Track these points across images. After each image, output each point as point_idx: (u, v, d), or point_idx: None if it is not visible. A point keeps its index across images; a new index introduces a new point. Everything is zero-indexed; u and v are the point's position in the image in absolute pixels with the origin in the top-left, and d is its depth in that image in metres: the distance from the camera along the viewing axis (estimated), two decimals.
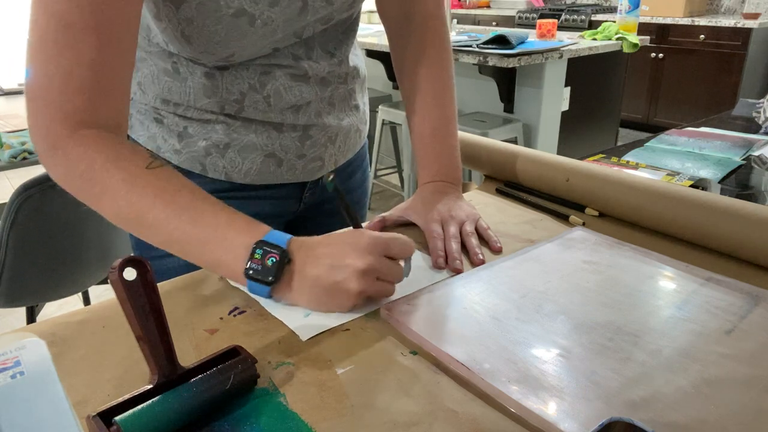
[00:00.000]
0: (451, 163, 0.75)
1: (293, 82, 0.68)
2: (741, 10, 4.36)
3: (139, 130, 0.70)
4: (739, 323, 0.49)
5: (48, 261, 1.43)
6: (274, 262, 0.49)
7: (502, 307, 0.52)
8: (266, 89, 0.66)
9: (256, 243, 0.50)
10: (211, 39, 0.59)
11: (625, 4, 2.74)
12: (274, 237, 0.51)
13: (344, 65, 0.73)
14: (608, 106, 2.97)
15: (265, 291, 0.50)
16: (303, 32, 0.65)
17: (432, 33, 0.76)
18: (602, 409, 0.39)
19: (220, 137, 0.68)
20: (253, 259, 0.50)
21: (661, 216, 0.66)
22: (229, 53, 0.61)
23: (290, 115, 0.69)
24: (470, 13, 5.60)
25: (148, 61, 0.66)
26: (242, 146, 0.69)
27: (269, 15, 0.60)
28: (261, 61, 0.65)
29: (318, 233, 0.55)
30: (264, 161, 0.70)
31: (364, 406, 0.41)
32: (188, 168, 0.69)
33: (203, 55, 0.61)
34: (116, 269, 0.37)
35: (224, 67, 0.64)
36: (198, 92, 0.66)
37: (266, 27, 0.60)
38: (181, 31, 0.58)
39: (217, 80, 0.65)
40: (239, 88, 0.66)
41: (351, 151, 0.81)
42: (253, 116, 0.68)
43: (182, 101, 0.66)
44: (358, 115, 0.80)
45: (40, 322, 0.52)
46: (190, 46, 0.60)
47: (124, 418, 0.37)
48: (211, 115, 0.67)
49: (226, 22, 0.58)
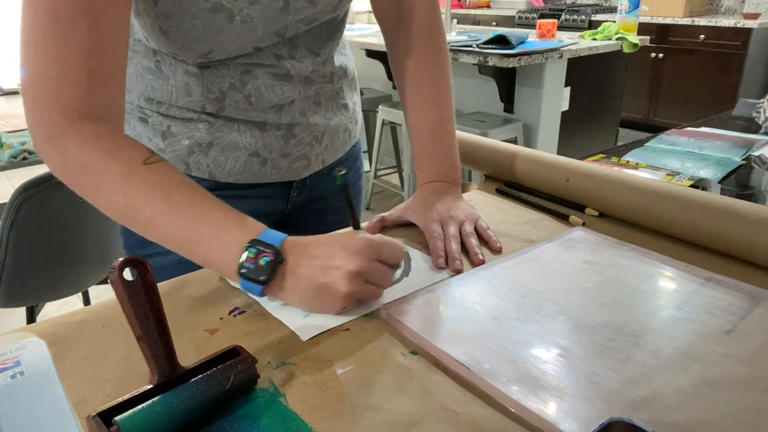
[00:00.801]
0: (450, 163, 0.75)
1: (275, 81, 0.68)
2: (741, 10, 4.36)
3: (126, 130, 0.70)
4: (739, 323, 0.49)
5: (48, 261, 1.43)
6: (268, 261, 0.49)
7: (502, 307, 0.52)
8: (247, 88, 0.66)
9: (250, 242, 0.50)
10: (188, 34, 0.59)
11: (625, 4, 2.74)
12: (269, 236, 0.51)
13: (329, 65, 0.73)
14: (608, 106, 2.97)
15: (258, 290, 0.50)
16: (285, 32, 0.65)
17: (427, 33, 0.76)
18: (602, 409, 0.39)
19: (203, 136, 0.68)
20: (247, 257, 0.49)
21: (661, 216, 0.66)
22: (208, 49, 0.61)
23: (273, 114, 0.69)
24: (470, 13, 5.60)
25: (133, 60, 0.67)
26: (225, 145, 0.69)
27: (249, 12, 0.60)
28: (242, 60, 0.65)
29: (307, 233, 0.55)
30: (248, 160, 0.70)
31: (364, 406, 0.41)
32: None
33: (182, 51, 0.61)
34: (116, 269, 0.37)
35: (206, 65, 0.64)
36: (180, 91, 0.66)
37: (245, 24, 0.60)
38: (159, 26, 0.59)
39: (199, 79, 0.65)
40: (220, 86, 0.66)
41: (340, 150, 0.80)
42: (234, 115, 0.68)
43: (165, 100, 0.67)
44: (348, 114, 0.79)
45: (40, 322, 0.52)
46: (168, 41, 0.60)
47: (124, 418, 0.37)
48: (193, 113, 0.67)
49: (203, 17, 0.58)
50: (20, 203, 1.29)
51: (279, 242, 0.51)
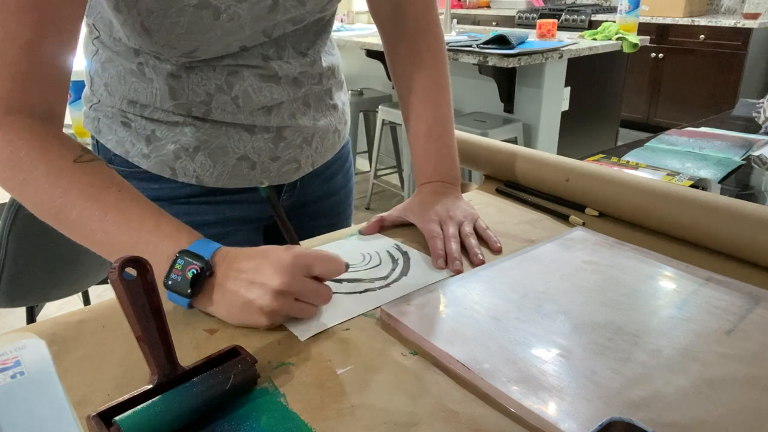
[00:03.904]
0: (448, 163, 0.75)
1: (262, 82, 0.66)
2: (741, 10, 4.35)
3: (107, 135, 0.68)
4: (739, 323, 0.49)
5: (48, 261, 1.43)
6: (195, 274, 0.48)
7: (502, 307, 0.52)
8: (234, 90, 0.65)
9: (179, 253, 0.48)
10: (172, 31, 0.57)
11: (625, 4, 2.74)
12: (199, 247, 0.49)
13: (317, 65, 0.71)
14: (608, 106, 2.97)
15: (185, 302, 0.49)
16: (273, 32, 0.63)
17: (425, 33, 0.76)
18: (602, 409, 0.39)
19: (189, 140, 0.66)
20: (174, 269, 0.48)
21: (661, 216, 0.66)
22: (192, 48, 0.59)
23: (261, 117, 0.68)
24: (470, 13, 5.60)
25: (115, 62, 0.64)
26: (213, 149, 0.67)
27: (236, 10, 0.58)
28: (228, 61, 0.63)
29: (301, 236, 0.53)
30: (236, 164, 0.69)
31: (364, 406, 0.41)
32: (158, 172, 0.68)
33: (165, 50, 0.59)
34: (116, 269, 0.37)
35: (190, 67, 0.63)
36: (164, 94, 0.64)
37: (232, 22, 0.58)
38: (141, 22, 0.56)
39: (183, 81, 0.63)
40: (206, 89, 0.64)
41: (330, 151, 0.79)
42: (221, 118, 0.66)
43: (149, 103, 0.64)
44: (337, 114, 0.78)
45: (40, 322, 0.52)
46: (150, 39, 0.58)
47: (124, 418, 0.37)
48: (178, 117, 0.65)
49: (188, 14, 0.56)
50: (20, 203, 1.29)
51: (210, 254, 0.49)
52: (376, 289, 0.57)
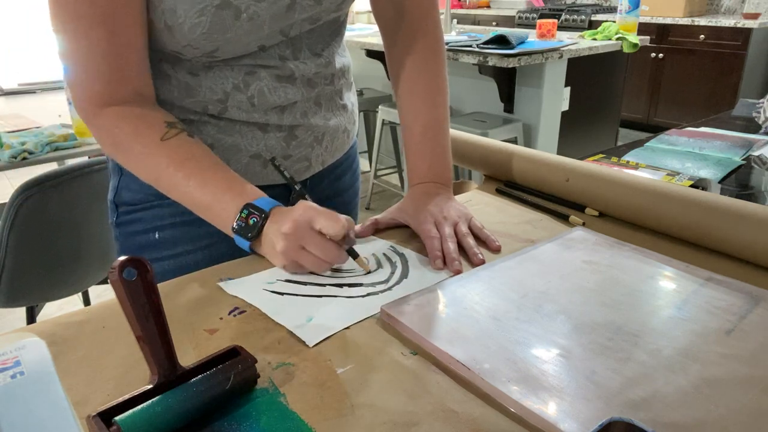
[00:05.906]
0: (442, 164, 0.75)
1: (278, 83, 0.68)
2: (741, 10, 4.36)
3: None
4: (739, 323, 0.49)
5: (48, 261, 1.43)
6: (255, 222, 0.59)
7: (502, 307, 0.52)
8: (250, 89, 0.67)
9: (245, 205, 0.59)
10: (194, 31, 0.59)
11: (625, 4, 2.74)
12: (262, 202, 0.60)
13: (331, 66, 0.73)
14: (608, 106, 2.97)
15: (246, 245, 0.60)
16: (290, 31, 0.65)
17: (424, 33, 0.76)
18: (602, 409, 0.39)
19: (204, 138, 0.68)
20: (240, 217, 0.59)
21: (661, 216, 0.66)
22: (213, 47, 0.61)
23: (275, 116, 0.69)
24: (470, 13, 5.60)
25: None
26: (226, 147, 0.69)
27: (255, 10, 0.60)
28: (246, 61, 0.65)
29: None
30: (249, 162, 0.70)
31: (364, 406, 0.41)
32: None
33: (186, 49, 0.61)
34: (116, 269, 0.37)
35: (208, 66, 0.64)
36: (181, 91, 0.66)
37: (252, 22, 0.60)
38: (164, 21, 0.59)
39: (201, 80, 0.65)
40: (223, 87, 0.66)
41: (339, 151, 0.80)
42: (236, 117, 0.68)
43: (166, 99, 0.67)
44: (346, 114, 0.79)
45: (40, 322, 0.52)
46: (173, 39, 0.60)
47: (124, 418, 0.37)
48: (194, 115, 0.67)
49: (210, 14, 0.58)
50: (20, 203, 1.29)
51: (269, 208, 0.59)
52: (378, 293, 0.56)
